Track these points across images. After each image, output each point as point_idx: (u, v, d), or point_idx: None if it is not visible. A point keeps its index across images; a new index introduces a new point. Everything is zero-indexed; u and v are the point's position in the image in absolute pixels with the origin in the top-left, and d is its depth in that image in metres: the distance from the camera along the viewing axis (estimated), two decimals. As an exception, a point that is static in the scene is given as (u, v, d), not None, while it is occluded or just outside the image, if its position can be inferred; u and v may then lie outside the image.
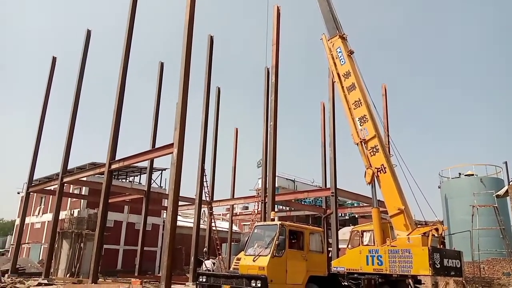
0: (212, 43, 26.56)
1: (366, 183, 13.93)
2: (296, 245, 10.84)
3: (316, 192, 30.51)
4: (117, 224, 37.65)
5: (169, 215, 14.92)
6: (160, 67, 30.58)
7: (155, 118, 29.80)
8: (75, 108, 25.31)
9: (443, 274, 11.88)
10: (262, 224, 12.29)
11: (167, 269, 14.38)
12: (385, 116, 28.69)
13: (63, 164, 24.70)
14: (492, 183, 23.88)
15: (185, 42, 16.62)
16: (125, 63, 21.69)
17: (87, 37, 26.29)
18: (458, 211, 24.13)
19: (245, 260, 10.52)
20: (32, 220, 42.38)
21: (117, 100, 21.03)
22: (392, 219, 12.99)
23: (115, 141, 20.57)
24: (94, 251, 19.27)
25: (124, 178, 41.30)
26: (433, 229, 12.19)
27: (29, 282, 19.40)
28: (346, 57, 15.24)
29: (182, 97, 15.98)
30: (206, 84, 26.00)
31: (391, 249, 12.00)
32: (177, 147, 15.45)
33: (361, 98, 14.39)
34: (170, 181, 15.82)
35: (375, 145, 13.71)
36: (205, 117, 25.87)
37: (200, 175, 24.96)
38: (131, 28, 22.44)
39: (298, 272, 10.34)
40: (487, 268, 20.47)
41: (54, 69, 29.77)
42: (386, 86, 30.08)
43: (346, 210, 37.21)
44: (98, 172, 22.44)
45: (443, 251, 12.06)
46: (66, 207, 34.49)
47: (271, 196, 18.18)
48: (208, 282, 10.76)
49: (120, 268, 35.57)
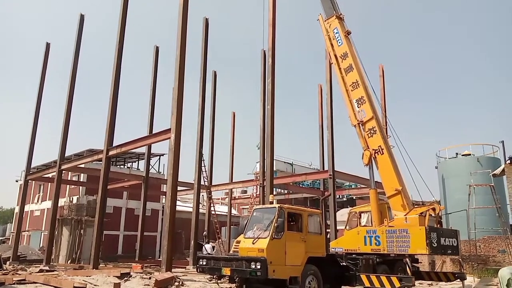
0: (207, 26, 26.21)
1: (364, 165, 13.99)
2: (295, 227, 10.91)
3: (314, 174, 30.66)
4: (117, 210, 37.82)
5: (168, 200, 15.01)
6: (156, 52, 30.24)
7: (152, 103, 29.62)
8: (71, 95, 25.12)
9: (440, 252, 12.05)
10: (261, 207, 12.36)
11: (168, 254, 14.54)
12: (383, 97, 28.58)
13: (61, 151, 24.63)
14: (489, 163, 23.96)
15: (180, 25, 16.42)
16: (119, 48, 21.44)
17: (81, 22, 25.92)
18: (455, 191, 24.29)
19: (244, 242, 10.60)
20: (31, 207, 42.50)
21: (113, 86, 20.86)
22: (389, 199, 13.09)
23: (112, 128, 20.50)
24: (94, 237, 19.42)
25: (122, 164, 41.29)
26: (430, 209, 12.32)
27: (31, 269, 19.56)
28: (343, 38, 15.08)
29: (178, 81, 15.88)
30: (202, 68, 25.78)
31: (388, 229, 12.13)
32: (175, 132, 15.43)
33: (359, 80, 14.31)
34: (168, 166, 15.86)
35: (372, 127, 13.71)
36: (202, 101, 25.73)
37: (198, 160, 24.98)
38: (125, 11, 22.12)
39: (297, 254, 10.44)
40: (483, 246, 20.75)
41: (48, 55, 29.42)
42: (383, 66, 29.91)
43: (344, 192, 37.45)
44: (96, 158, 22.43)
45: (440, 230, 12.20)
46: (65, 194, 34.57)
47: (269, 179, 18.25)
48: (208, 265, 10.86)
49: (121, 253, 35.88)
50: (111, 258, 29.87)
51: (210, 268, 10.84)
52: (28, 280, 14.29)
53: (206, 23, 26.22)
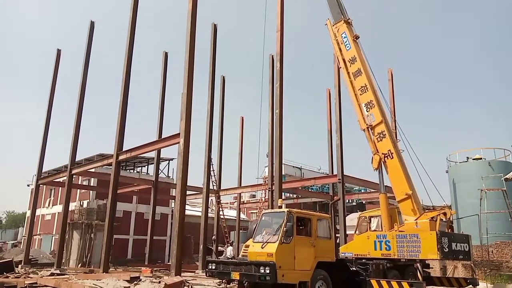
0: (216, 31, 26.40)
1: (373, 169, 13.91)
2: (304, 231, 10.88)
3: (323, 179, 30.54)
4: (126, 214, 38.06)
5: (178, 204, 15.06)
6: (165, 57, 30.52)
7: (161, 108, 29.84)
8: (81, 100, 25.42)
9: (451, 258, 11.92)
10: (270, 212, 12.35)
11: (177, 258, 14.57)
12: (392, 101, 28.46)
13: (71, 156, 24.93)
14: (500, 167, 23.64)
15: (188, 31, 16.55)
16: (129, 54, 21.68)
17: (91, 29, 26.30)
18: (466, 195, 24.00)
19: (253, 247, 10.59)
20: (42, 212, 42.97)
21: (123, 91, 21.08)
22: (399, 204, 12.99)
23: (122, 132, 20.69)
24: (105, 241, 19.54)
25: (132, 168, 41.60)
26: (441, 214, 12.20)
27: (42, 272, 19.76)
28: (352, 42, 15.08)
29: (187, 87, 15.98)
30: (211, 73, 25.93)
31: (399, 234, 12.03)
32: (184, 137, 15.51)
33: (367, 84, 14.28)
34: (177, 170, 15.92)
35: (381, 131, 13.65)
36: (210, 106, 25.86)
37: (207, 164, 25.07)
38: (135, 17, 22.37)
39: (306, 258, 10.40)
40: (495, 251, 20.44)
41: (59, 61, 29.85)
42: (392, 70, 29.80)
43: (353, 196, 37.23)
44: (106, 163, 22.63)
45: (451, 235, 12.08)
46: (75, 199, 34.90)
47: (278, 184, 18.23)
48: (218, 270, 10.87)
49: (130, 257, 36.05)
50: (121, 262, 30.01)
51: (219, 273, 10.85)
52: (39, 283, 14.44)
53: (214, 29, 26.41)
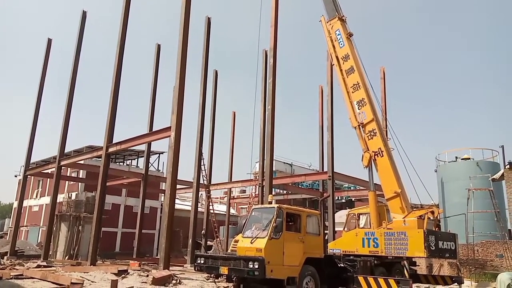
0: (209, 25, 26.24)
1: (363, 167, 13.97)
2: (293, 227, 10.90)
3: (313, 175, 30.68)
4: (115, 207, 37.82)
5: (167, 198, 15.01)
6: (157, 50, 30.25)
7: (152, 101, 29.63)
8: (72, 91, 25.12)
9: (437, 256, 12.05)
10: (260, 207, 12.34)
11: (165, 251, 14.55)
12: (383, 99, 28.60)
13: (60, 147, 24.65)
14: (488, 167, 23.99)
15: (182, 24, 16.43)
16: (121, 45, 21.45)
17: (83, 19, 25.94)
18: (454, 195, 24.34)
19: (242, 242, 10.59)
20: (30, 203, 42.49)
21: (114, 83, 20.88)
22: (388, 202, 13.09)
23: (112, 125, 20.51)
24: (93, 233, 19.42)
25: (121, 161, 41.28)
26: (429, 212, 12.31)
27: (28, 264, 19.57)
28: (345, 40, 15.07)
29: (179, 80, 15.89)
30: (204, 66, 25.81)
31: (387, 231, 12.13)
32: (175, 130, 15.44)
33: (360, 81, 14.31)
34: (167, 164, 15.86)
35: (372, 129, 13.70)
36: (202, 100, 25.75)
37: (197, 159, 24.99)
38: (127, 9, 22.13)
39: (295, 254, 10.43)
40: (481, 250, 20.76)
41: (50, 51, 29.43)
42: (384, 69, 29.92)
43: (343, 193, 37.44)
44: (96, 155, 22.43)
45: (438, 233, 12.21)
46: (63, 190, 34.57)
47: (268, 179, 18.26)
48: (206, 264, 10.85)
49: (118, 250, 35.87)
50: (109, 255, 29.87)
51: (208, 267, 10.82)
52: (26, 275, 14.29)
53: (208, 22, 26.24)
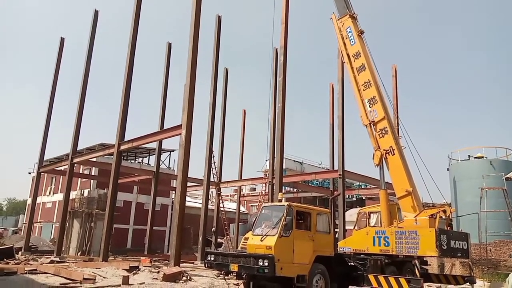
0: (220, 23, 26.27)
1: (374, 165, 13.87)
2: (303, 225, 10.89)
3: (324, 174, 30.58)
4: (127, 204, 38.22)
5: (178, 195, 15.11)
6: (168, 48, 30.40)
7: (163, 99, 29.81)
8: (84, 89, 25.42)
9: (449, 255, 11.91)
10: (270, 205, 12.35)
11: (176, 248, 14.66)
12: (395, 97, 28.34)
13: (73, 145, 24.97)
14: (501, 166, 23.63)
15: (193, 22, 16.49)
16: (132, 44, 21.63)
17: (95, 18, 26.21)
18: (467, 194, 24.02)
19: (252, 239, 10.61)
20: (43, 199, 43.17)
21: (126, 81, 21.07)
22: (399, 201, 12.99)
23: (124, 123, 20.71)
24: (104, 230, 19.66)
25: (133, 159, 41.67)
26: (441, 211, 12.17)
27: (42, 260, 19.91)
28: (356, 37, 14.96)
29: (190, 78, 15.96)
30: (214, 65, 25.86)
31: (398, 230, 12.03)
32: (185, 128, 15.52)
33: (371, 79, 14.20)
34: (178, 162, 15.96)
35: (384, 127, 13.59)
36: (213, 98, 25.82)
37: (208, 156, 25.09)
38: (139, 8, 22.29)
39: (305, 252, 10.42)
40: (494, 250, 20.49)
41: (63, 49, 29.82)
42: (396, 66, 29.65)
43: (354, 192, 37.28)
44: (108, 153, 22.69)
45: (450, 232, 12.07)
46: (76, 187, 35.03)
47: (278, 177, 18.26)
48: (216, 261, 10.91)
49: (130, 247, 36.27)
50: (120, 252, 30.19)
51: (218, 264, 10.87)
52: (39, 270, 14.54)
53: (218, 20, 26.28)
